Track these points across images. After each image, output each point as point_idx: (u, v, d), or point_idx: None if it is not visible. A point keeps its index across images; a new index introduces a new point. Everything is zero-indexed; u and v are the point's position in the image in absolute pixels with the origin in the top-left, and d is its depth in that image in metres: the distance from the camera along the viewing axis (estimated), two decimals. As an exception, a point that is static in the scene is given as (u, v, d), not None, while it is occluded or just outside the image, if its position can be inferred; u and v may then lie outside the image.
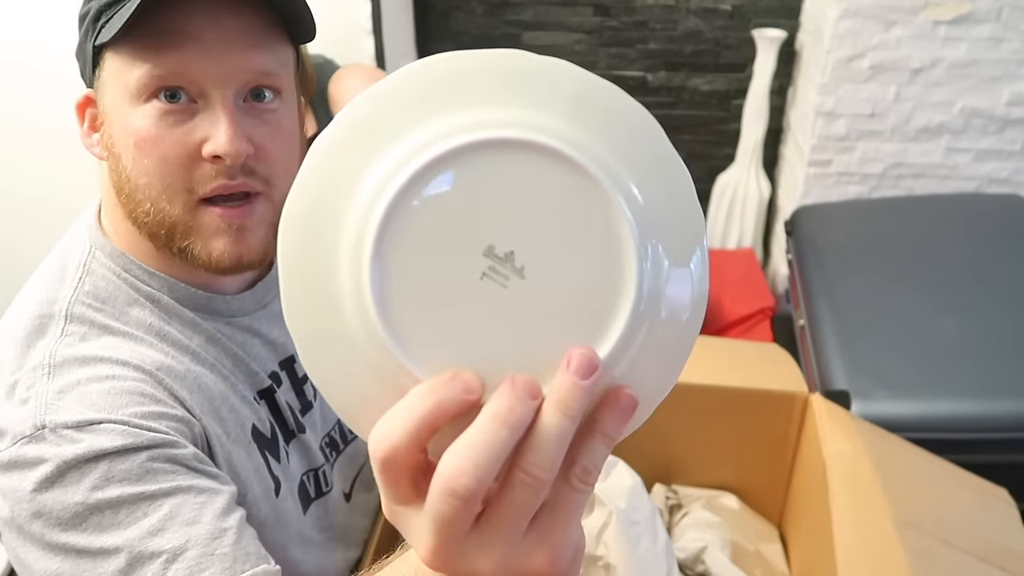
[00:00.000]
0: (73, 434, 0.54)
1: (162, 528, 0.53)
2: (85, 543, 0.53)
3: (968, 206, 2.00)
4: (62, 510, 0.53)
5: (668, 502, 1.14)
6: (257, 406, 0.67)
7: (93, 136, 0.62)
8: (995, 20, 1.95)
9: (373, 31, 1.85)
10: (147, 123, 0.57)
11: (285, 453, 0.69)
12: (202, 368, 0.63)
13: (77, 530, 0.53)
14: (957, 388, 1.37)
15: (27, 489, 0.53)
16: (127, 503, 0.53)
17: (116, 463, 0.54)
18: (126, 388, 0.57)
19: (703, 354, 1.15)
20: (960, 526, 0.89)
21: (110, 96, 0.58)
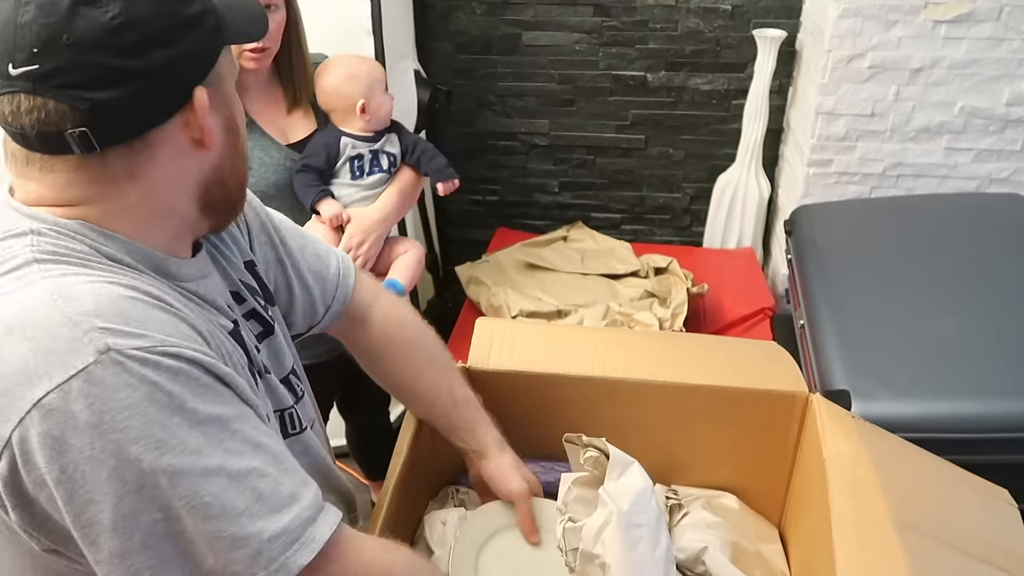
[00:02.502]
0: (146, 355, 0.54)
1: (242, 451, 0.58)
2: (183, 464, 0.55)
3: (968, 206, 2.00)
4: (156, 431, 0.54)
5: (668, 502, 1.14)
6: (233, 344, 0.70)
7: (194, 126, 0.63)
8: (995, 20, 1.95)
9: (373, 31, 1.85)
10: (237, 104, 0.69)
11: (261, 388, 0.73)
12: (183, 308, 0.64)
13: (175, 451, 0.55)
14: (957, 388, 1.37)
15: (113, 416, 0.53)
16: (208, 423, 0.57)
17: (188, 383, 0.56)
18: (155, 309, 0.59)
19: (703, 354, 1.16)
20: (961, 527, 0.89)
21: (229, 85, 0.66)
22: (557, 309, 2.00)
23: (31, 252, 0.58)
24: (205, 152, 0.64)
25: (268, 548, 0.57)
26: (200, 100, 0.61)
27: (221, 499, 0.56)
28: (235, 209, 0.73)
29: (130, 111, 0.58)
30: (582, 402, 1.12)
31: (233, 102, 0.67)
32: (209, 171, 0.66)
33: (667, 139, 2.61)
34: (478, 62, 2.58)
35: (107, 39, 0.55)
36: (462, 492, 1.11)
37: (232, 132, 0.67)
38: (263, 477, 0.59)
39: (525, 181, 2.78)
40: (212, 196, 0.67)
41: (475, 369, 1.12)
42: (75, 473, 0.53)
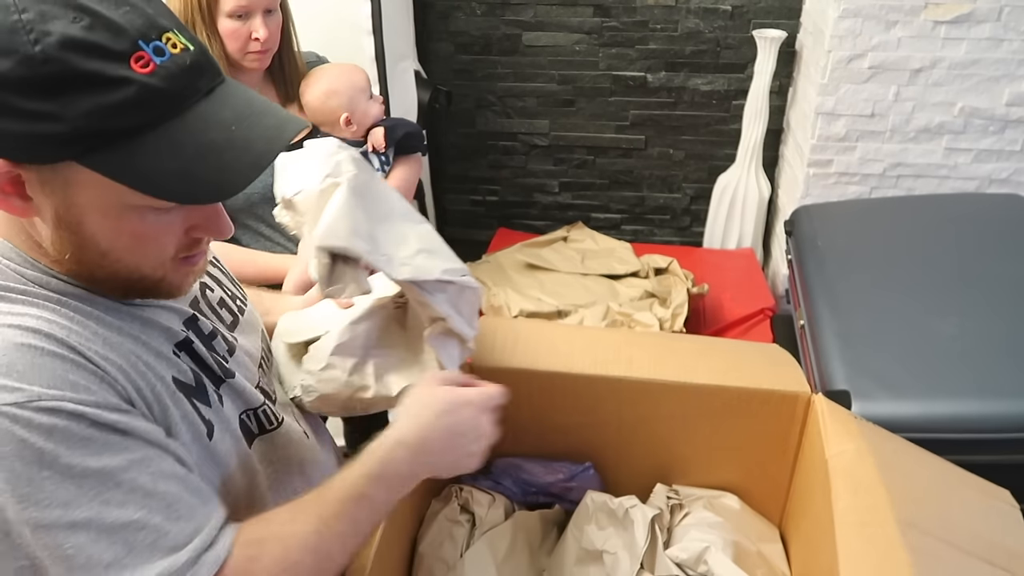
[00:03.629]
0: (17, 412, 0.54)
1: (124, 502, 0.57)
2: (49, 519, 0.55)
3: (968, 206, 2.00)
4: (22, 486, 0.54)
5: (669, 502, 1.14)
6: (176, 359, 0.69)
7: (12, 199, 0.58)
8: (995, 20, 1.95)
9: (373, 31, 1.84)
10: (143, 225, 0.61)
11: (217, 397, 0.72)
12: (108, 331, 0.63)
13: (41, 505, 0.55)
14: (957, 388, 1.37)
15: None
16: (86, 476, 0.56)
17: (65, 438, 0.56)
18: (48, 357, 0.57)
19: (704, 354, 1.16)
20: (963, 527, 0.89)
21: (85, 197, 0.58)
22: (557, 309, 2.00)
23: None
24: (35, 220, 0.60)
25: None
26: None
27: (87, 551, 0.56)
28: (124, 295, 0.67)
29: None
30: (583, 401, 1.12)
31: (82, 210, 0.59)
32: (47, 243, 0.61)
33: (667, 139, 2.61)
34: (478, 62, 2.58)
35: None
36: (466, 491, 1.11)
37: (70, 230, 0.60)
38: (141, 529, 0.58)
39: (525, 181, 2.78)
40: (68, 273, 0.63)
41: (477, 367, 1.12)
42: None
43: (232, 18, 1.30)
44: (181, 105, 0.58)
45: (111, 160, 0.56)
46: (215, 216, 0.65)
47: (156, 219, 0.61)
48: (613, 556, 1.05)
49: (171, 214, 0.62)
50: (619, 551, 1.05)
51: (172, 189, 0.58)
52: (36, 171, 0.57)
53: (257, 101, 0.64)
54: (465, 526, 1.06)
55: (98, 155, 0.55)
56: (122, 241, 0.61)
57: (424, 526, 1.06)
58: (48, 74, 0.53)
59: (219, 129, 0.59)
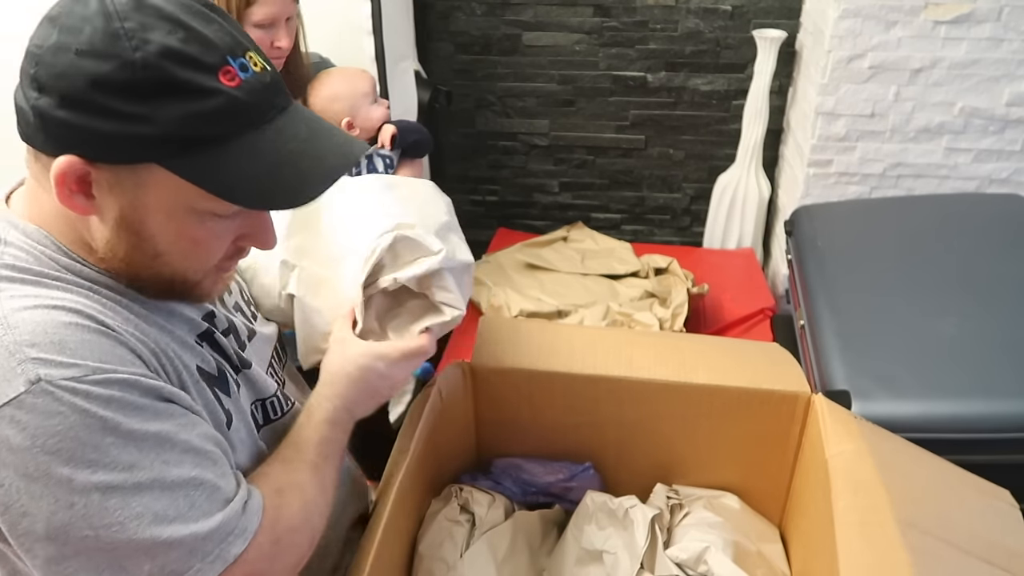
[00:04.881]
0: (76, 385, 0.57)
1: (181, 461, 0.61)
2: (116, 481, 0.58)
3: (968, 206, 2.00)
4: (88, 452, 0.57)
5: (669, 502, 1.14)
6: (200, 348, 0.72)
7: (77, 197, 0.61)
8: (995, 20, 1.95)
9: (373, 31, 1.84)
10: (202, 230, 0.65)
11: (236, 386, 0.76)
12: (137, 319, 0.66)
13: (107, 469, 0.58)
14: (957, 388, 1.37)
15: (44, 440, 0.56)
16: (145, 439, 0.60)
17: (122, 407, 0.59)
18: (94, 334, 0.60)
19: (704, 354, 1.16)
20: (963, 527, 0.89)
21: (155, 198, 0.61)
22: (557, 309, 2.00)
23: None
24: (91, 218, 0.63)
25: (203, 545, 0.61)
26: (58, 166, 0.59)
27: (153, 508, 0.59)
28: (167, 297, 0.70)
29: (24, 121, 0.61)
30: (584, 401, 1.12)
31: (148, 212, 0.62)
32: (100, 242, 0.64)
33: (667, 139, 2.61)
34: (478, 62, 2.58)
35: (31, 66, 0.59)
36: (466, 491, 1.11)
37: (130, 231, 0.63)
38: (199, 485, 0.62)
39: (525, 181, 2.78)
40: (114, 269, 0.66)
41: (478, 366, 1.12)
42: (11, 488, 0.57)
43: (259, 27, 1.33)
44: (261, 118, 0.62)
45: (193, 164, 0.59)
46: (264, 228, 0.69)
47: (214, 225, 0.65)
48: (613, 556, 1.05)
49: (227, 221, 0.66)
50: (619, 551, 1.05)
51: (249, 195, 0.61)
52: (110, 171, 0.60)
53: (322, 121, 0.68)
54: (465, 526, 1.06)
55: (182, 159, 0.59)
56: (179, 244, 0.65)
57: (424, 526, 1.06)
58: (145, 79, 0.57)
59: (295, 142, 0.64)
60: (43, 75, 0.58)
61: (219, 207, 0.63)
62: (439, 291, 0.87)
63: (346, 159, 0.66)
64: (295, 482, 0.73)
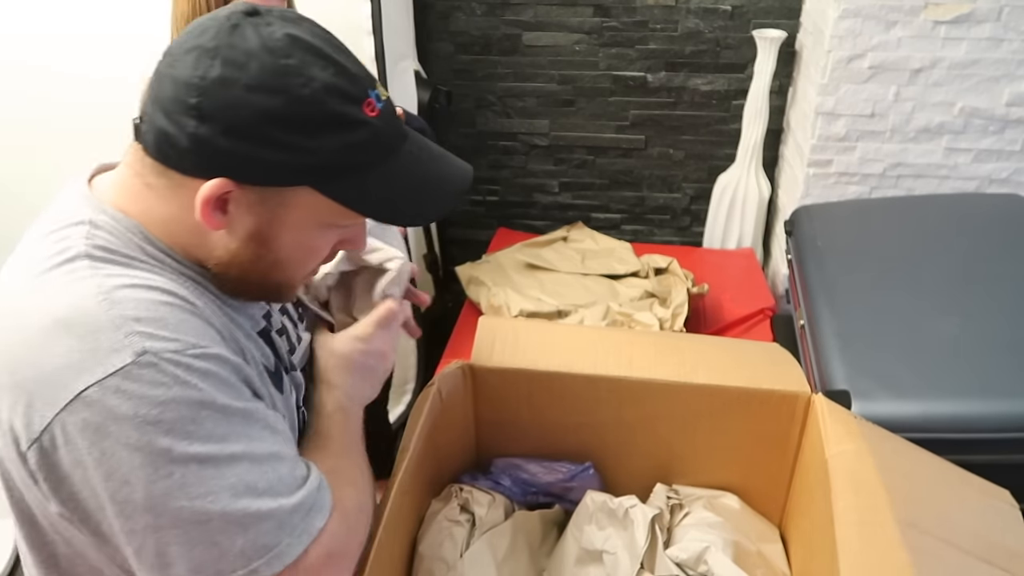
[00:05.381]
0: (178, 357, 0.60)
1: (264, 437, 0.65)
2: (210, 452, 0.60)
3: (968, 206, 2.00)
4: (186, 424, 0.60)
5: (669, 502, 1.14)
6: (260, 345, 0.75)
7: (215, 214, 0.64)
8: (995, 20, 1.95)
9: (373, 31, 1.84)
10: (320, 241, 0.70)
11: (289, 386, 0.79)
12: (214, 307, 0.70)
13: (203, 440, 0.60)
14: (957, 388, 1.37)
15: (147, 410, 0.58)
16: (235, 414, 0.63)
17: (216, 382, 0.62)
18: (188, 314, 0.64)
19: (704, 354, 1.16)
20: (963, 527, 0.89)
21: (294, 215, 0.66)
22: (557, 309, 2.00)
23: (84, 245, 0.64)
24: (217, 231, 0.66)
25: (290, 518, 0.64)
26: (208, 188, 0.62)
27: (246, 479, 0.62)
28: (257, 298, 0.75)
29: (165, 145, 0.64)
30: (584, 401, 1.12)
31: (284, 227, 0.66)
32: (222, 251, 0.68)
33: (667, 139, 2.61)
34: (478, 62, 2.58)
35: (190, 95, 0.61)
36: (466, 491, 1.11)
37: (259, 242, 0.67)
38: (282, 460, 0.66)
39: (525, 181, 2.78)
40: (226, 275, 0.70)
41: (478, 367, 1.12)
42: (113, 458, 0.59)
43: None
44: (395, 146, 0.68)
45: (344, 188, 0.65)
46: (362, 232, 0.75)
47: (330, 235, 0.71)
48: (613, 556, 1.05)
49: (339, 231, 0.71)
50: (619, 551, 1.05)
51: (393, 215, 0.69)
52: (256, 192, 0.64)
53: (433, 145, 0.74)
54: (465, 526, 1.06)
55: (333, 184, 0.64)
56: (298, 254, 0.70)
57: (424, 526, 1.06)
58: (310, 114, 0.61)
59: (422, 166, 0.70)
60: (208, 106, 0.60)
61: (349, 221, 0.69)
62: (371, 255, 0.90)
63: (464, 181, 0.73)
64: (337, 467, 0.76)
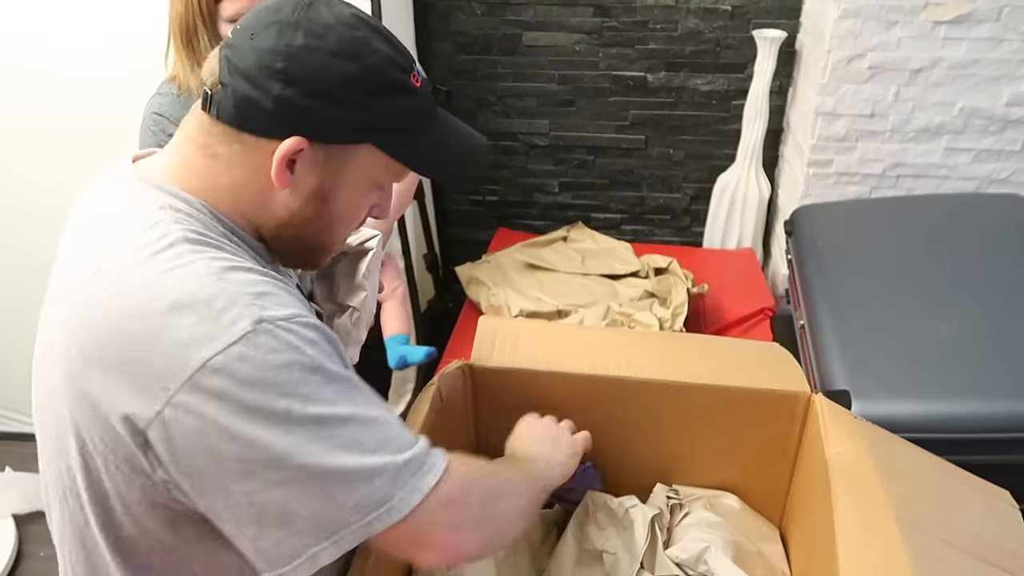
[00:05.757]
0: (290, 326, 0.65)
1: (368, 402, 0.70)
2: (323, 412, 0.65)
3: (968, 206, 2.00)
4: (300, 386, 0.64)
5: (669, 502, 1.14)
6: None
7: (284, 171, 0.71)
8: (995, 20, 1.95)
9: (373, 31, 1.85)
10: (367, 200, 0.78)
11: None
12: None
13: (316, 402, 0.65)
14: (957, 388, 1.37)
15: (267, 374, 0.63)
16: (340, 380, 0.68)
17: (321, 349, 0.67)
18: (282, 290, 0.69)
19: (704, 353, 1.16)
20: (963, 527, 0.89)
21: (354, 172, 0.74)
22: (557, 309, 2.00)
23: (180, 230, 0.69)
24: (282, 189, 0.72)
25: (402, 472, 0.68)
26: (287, 145, 0.69)
27: (358, 437, 0.66)
28: (300, 263, 0.83)
29: (246, 109, 0.70)
30: (583, 400, 1.12)
31: (344, 184, 0.74)
32: (283, 211, 0.74)
33: (667, 139, 2.61)
34: (478, 62, 2.58)
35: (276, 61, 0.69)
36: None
37: (320, 200, 0.74)
38: (385, 423, 0.70)
39: (525, 181, 2.78)
40: (282, 236, 0.76)
41: (478, 367, 1.12)
42: (238, 420, 0.62)
43: (232, 23, 1.30)
44: (434, 113, 0.78)
45: (401, 146, 0.74)
46: (389, 199, 0.82)
47: (373, 196, 0.78)
48: (613, 556, 1.05)
49: (378, 193, 0.79)
50: (619, 551, 1.05)
51: (428, 168, 0.79)
52: (324, 150, 0.71)
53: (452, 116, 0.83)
54: (465, 526, 1.06)
55: (392, 142, 0.74)
56: (350, 212, 0.77)
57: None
58: (377, 79, 0.71)
59: (455, 131, 0.81)
60: (293, 70, 0.68)
61: (394, 180, 0.78)
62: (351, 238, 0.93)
63: (483, 149, 0.84)
64: (491, 469, 0.81)
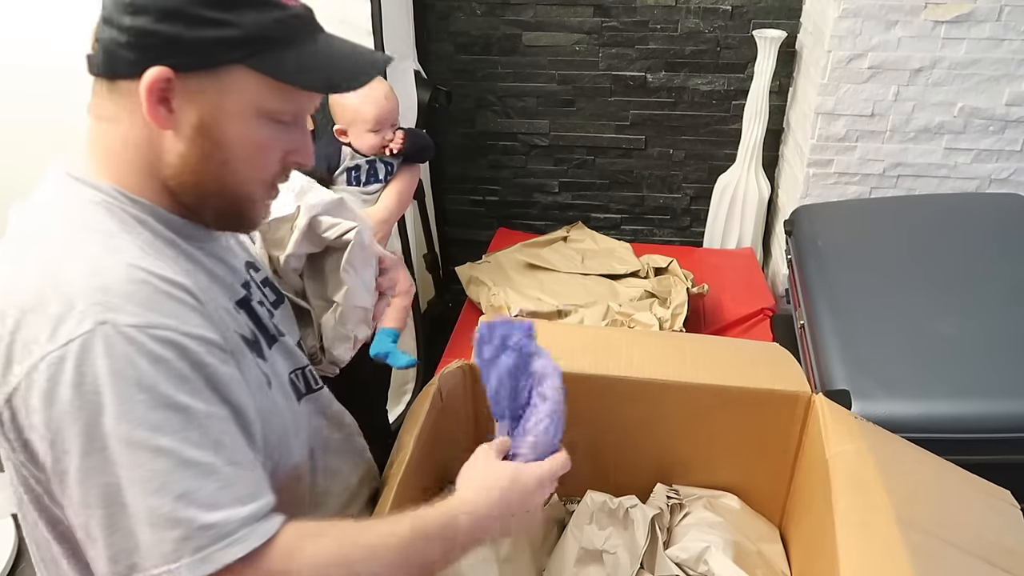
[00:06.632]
0: (135, 334, 0.61)
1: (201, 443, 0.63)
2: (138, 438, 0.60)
3: (968, 206, 2.00)
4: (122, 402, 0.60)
5: (670, 502, 1.14)
6: (236, 314, 0.77)
7: (159, 109, 0.68)
8: (995, 20, 1.95)
9: (373, 31, 1.84)
10: (263, 135, 0.72)
11: (276, 354, 0.81)
12: (189, 280, 0.70)
13: (133, 423, 0.60)
14: (957, 388, 1.37)
15: (87, 380, 0.59)
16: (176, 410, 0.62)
17: (167, 370, 0.62)
18: (161, 295, 0.65)
19: (705, 353, 1.16)
20: (963, 527, 0.89)
21: (232, 100, 0.69)
22: (557, 309, 2.00)
23: (59, 224, 0.67)
24: (165, 131, 0.69)
25: (198, 536, 0.60)
26: (149, 77, 0.66)
27: (163, 478, 0.60)
28: (229, 222, 0.78)
29: (111, 53, 0.68)
30: (583, 400, 1.12)
31: (225, 114, 0.70)
32: (174, 157, 0.70)
33: (667, 139, 2.61)
34: (478, 62, 2.58)
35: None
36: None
37: (205, 137, 0.70)
38: (212, 473, 0.63)
39: (525, 181, 2.78)
40: (186, 189, 0.72)
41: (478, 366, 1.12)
42: (58, 423, 0.60)
43: None
44: (314, 29, 0.74)
45: (269, 61, 0.69)
46: (307, 143, 0.78)
47: (272, 132, 0.73)
48: (613, 556, 1.05)
49: (282, 131, 0.74)
50: (619, 551, 1.05)
51: (314, 81, 0.72)
52: (195, 80, 0.68)
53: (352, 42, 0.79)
54: (465, 526, 1.06)
55: (259, 58, 0.69)
56: (245, 149, 0.72)
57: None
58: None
59: (342, 44, 0.76)
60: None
61: (283, 108, 0.72)
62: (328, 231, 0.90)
63: (383, 59, 0.78)
64: (336, 538, 0.69)
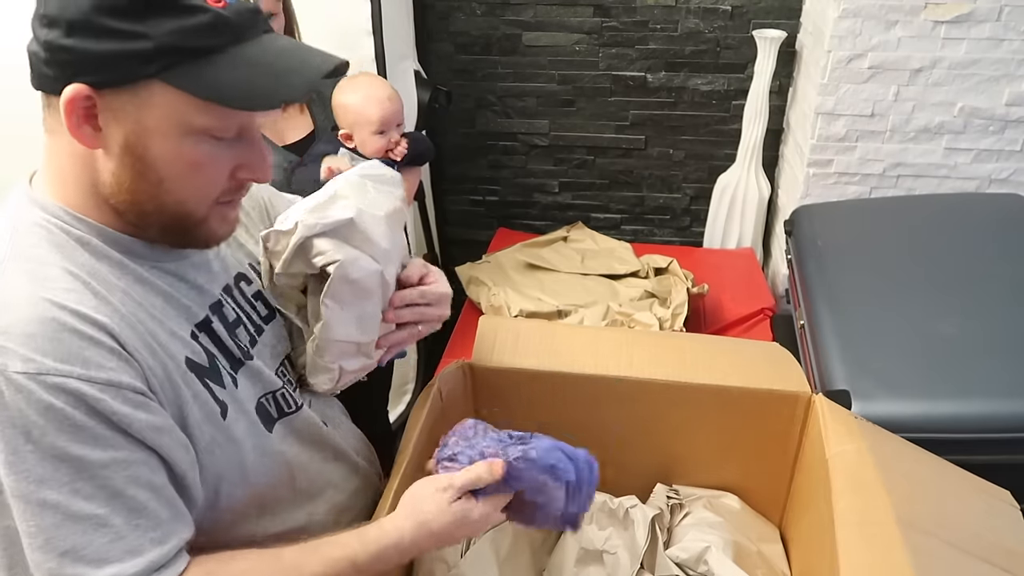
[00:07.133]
0: (24, 382, 0.58)
1: (92, 495, 0.60)
2: (23, 491, 0.58)
3: (968, 206, 2.00)
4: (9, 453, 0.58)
5: (670, 502, 1.14)
6: (191, 340, 0.73)
7: (84, 128, 0.64)
8: (995, 20, 1.95)
9: (373, 31, 1.84)
10: (199, 152, 0.67)
11: (232, 379, 0.76)
12: (131, 305, 0.68)
13: (19, 475, 0.58)
14: (957, 388, 1.37)
15: None
16: (65, 460, 0.59)
17: (57, 419, 0.59)
18: (71, 334, 0.61)
19: (705, 353, 1.16)
20: (963, 527, 0.89)
21: (155, 118, 0.65)
22: (557, 309, 2.00)
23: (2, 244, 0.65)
24: (93, 150, 0.66)
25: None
26: (68, 94, 0.62)
27: (48, 533, 0.59)
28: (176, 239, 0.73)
29: (35, 68, 0.65)
30: (584, 400, 1.12)
31: (148, 133, 0.65)
32: (108, 175, 0.67)
33: (667, 139, 2.61)
34: (478, 62, 2.58)
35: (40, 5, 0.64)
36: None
37: (134, 156, 0.66)
38: (102, 527, 0.60)
39: (525, 181, 2.78)
40: (127, 208, 0.69)
41: (478, 367, 1.12)
42: None
43: None
44: (244, 36, 0.67)
45: (186, 74, 0.64)
46: (260, 158, 0.72)
47: (210, 149, 0.68)
48: (613, 556, 1.05)
49: (224, 148, 0.69)
50: (619, 551, 1.05)
51: (234, 97, 0.65)
52: (114, 97, 0.63)
53: (301, 43, 0.74)
54: (465, 526, 1.06)
55: (175, 71, 0.63)
56: (179, 167, 0.67)
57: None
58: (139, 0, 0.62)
59: (275, 54, 0.68)
60: (52, 9, 0.62)
61: (215, 125, 0.66)
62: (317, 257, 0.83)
63: (325, 64, 0.69)
64: (272, 556, 0.69)
